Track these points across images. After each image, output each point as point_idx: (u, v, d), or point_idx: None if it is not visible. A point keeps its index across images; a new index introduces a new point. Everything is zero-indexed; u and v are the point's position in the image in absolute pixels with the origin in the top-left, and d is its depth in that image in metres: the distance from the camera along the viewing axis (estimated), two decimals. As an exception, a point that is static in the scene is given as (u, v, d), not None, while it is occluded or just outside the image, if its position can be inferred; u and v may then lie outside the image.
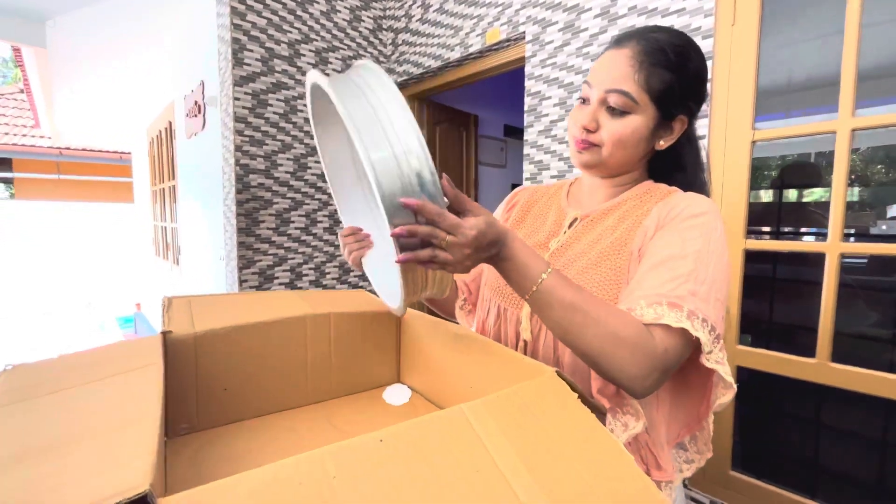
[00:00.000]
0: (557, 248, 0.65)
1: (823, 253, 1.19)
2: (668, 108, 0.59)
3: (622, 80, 0.58)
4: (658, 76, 0.57)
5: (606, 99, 0.59)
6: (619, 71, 0.58)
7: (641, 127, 0.59)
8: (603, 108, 0.60)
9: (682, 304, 0.48)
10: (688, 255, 0.51)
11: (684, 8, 1.38)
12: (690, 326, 0.47)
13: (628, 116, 0.58)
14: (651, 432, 0.57)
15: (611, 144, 0.60)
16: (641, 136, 0.60)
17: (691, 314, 0.48)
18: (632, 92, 0.57)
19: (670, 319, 0.47)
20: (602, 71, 0.60)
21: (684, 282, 0.49)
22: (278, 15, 2.14)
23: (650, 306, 0.49)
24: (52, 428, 0.33)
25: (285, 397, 0.68)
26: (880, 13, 1.17)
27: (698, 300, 0.49)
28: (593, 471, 0.35)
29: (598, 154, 0.61)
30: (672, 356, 0.48)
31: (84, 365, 0.45)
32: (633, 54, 0.58)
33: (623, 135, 0.59)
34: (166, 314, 0.61)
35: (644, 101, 0.58)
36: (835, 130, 1.15)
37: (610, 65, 0.59)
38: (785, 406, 1.47)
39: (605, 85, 0.59)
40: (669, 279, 0.50)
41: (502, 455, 0.35)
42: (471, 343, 0.62)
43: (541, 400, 0.42)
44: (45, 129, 4.82)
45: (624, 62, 0.58)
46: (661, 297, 0.49)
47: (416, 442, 0.34)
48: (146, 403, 0.36)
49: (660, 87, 0.57)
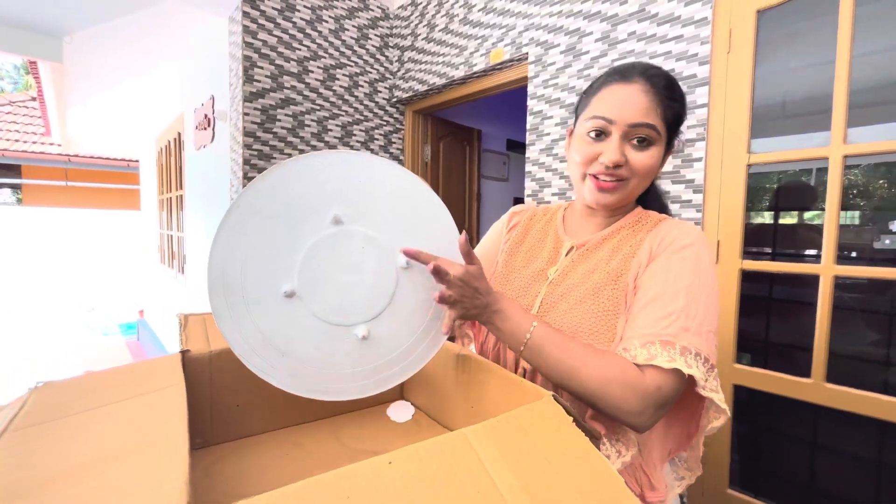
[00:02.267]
0: (556, 278, 0.68)
1: (818, 275, 1.22)
2: (673, 136, 0.64)
3: (647, 113, 0.60)
4: (672, 109, 0.61)
5: (632, 132, 0.60)
6: (642, 105, 0.60)
7: (659, 156, 0.62)
8: (627, 143, 0.61)
9: (674, 341, 0.51)
10: (679, 290, 0.55)
11: (682, 35, 1.43)
12: (684, 363, 0.50)
13: (652, 148, 0.61)
14: (644, 453, 0.59)
15: (640, 177, 0.62)
16: (659, 165, 0.64)
17: (684, 350, 0.51)
18: (656, 125, 0.60)
19: (662, 360, 0.50)
20: (623, 106, 0.60)
21: (676, 319, 0.53)
22: (288, 33, 2.21)
23: (644, 346, 0.52)
24: (86, 448, 0.36)
25: (294, 413, 0.71)
26: (873, 44, 1.21)
27: (691, 335, 0.52)
28: (585, 492, 0.38)
29: (625, 189, 0.63)
30: (666, 392, 0.51)
31: (110, 384, 0.49)
32: (649, 89, 0.60)
33: (651, 165, 0.61)
34: (183, 332, 0.64)
35: (663, 133, 0.61)
36: (827, 157, 1.19)
37: (630, 100, 0.60)
38: (782, 425, 1.48)
39: (630, 119, 0.60)
40: (662, 317, 0.53)
41: (502, 477, 0.38)
42: (472, 364, 0.65)
43: (538, 424, 0.45)
44: (56, 137, 4.91)
45: (643, 97, 0.60)
46: (654, 337, 0.52)
47: (422, 464, 0.37)
48: (172, 424, 0.39)
49: (672, 119, 0.62)
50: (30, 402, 0.45)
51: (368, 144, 2.62)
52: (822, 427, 1.38)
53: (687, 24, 1.42)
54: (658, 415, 0.52)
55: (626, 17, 1.58)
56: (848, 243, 1.41)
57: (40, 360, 4.28)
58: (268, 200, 0.50)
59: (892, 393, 1.13)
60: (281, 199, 0.51)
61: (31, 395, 0.46)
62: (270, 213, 0.51)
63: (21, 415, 0.42)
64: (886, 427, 1.18)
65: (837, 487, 1.37)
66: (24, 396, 0.47)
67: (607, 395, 0.51)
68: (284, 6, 2.18)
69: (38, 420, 0.41)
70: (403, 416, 0.75)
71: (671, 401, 0.53)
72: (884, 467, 1.28)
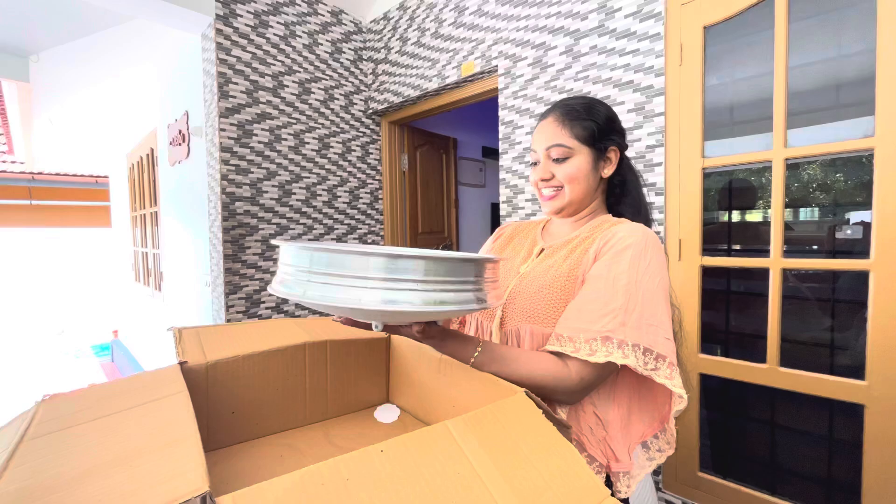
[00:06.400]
0: (525, 273, 0.78)
1: (768, 268, 1.33)
2: (596, 145, 0.76)
3: (556, 136, 0.75)
4: (580, 125, 0.75)
5: (549, 153, 0.76)
6: (551, 131, 0.76)
7: (584, 164, 0.75)
8: (550, 161, 0.77)
9: (612, 336, 0.61)
10: (618, 289, 0.64)
11: (638, 49, 1.53)
12: (620, 356, 0.60)
13: (570, 160, 0.75)
14: (609, 429, 0.67)
15: (567, 183, 0.76)
16: (587, 171, 0.76)
17: (621, 343, 0.61)
18: (565, 142, 0.75)
19: (600, 356, 0.61)
20: (540, 137, 0.78)
21: (615, 317, 0.62)
22: (262, 49, 2.24)
23: (587, 342, 0.62)
24: (107, 449, 0.40)
25: (286, 418, 0.75)
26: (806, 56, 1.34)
27: (629, 329, 0.61)
28: (553, 473, 0.44)
29: (563, 196, 0.77)
30: (588, 380, 0.64)
31: (116, 394, 0.52)
32: (556, 119, 0.76)
33: (571, 173, 0.75)
34: (179, 345, 0.68)
35: (576, 146, 0.75)
36: (770, 160, 1.30)
37: (545, 131, 0.77)
38: (746, 409, 1.59)
39: (544, 144, 0.76)
40: (602, 315, 0.63)
41: (480, 462, 0.44)
42: (452, 366, 0.71)
43: (511, 416, 0.51)
44: (20, 154, 4.76)
45: (553, 126, 0.76)
46: (597, 334, 0.62)
47: (411, 452, 0.43)
48: (184, 425, 0.44)
49: (583, 133, 0.75)
50: (39, 413, 0.48)
51: (346, 156, 2.66)
52: (781, 409, 1.49)
53: (643, 39, 1.52)
54: (584, 394, 0.67)
55: (588, 31, 1.67)
56: (808, 237, 1.54)
57: (6, 389, 4.11)
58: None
59: (838, 374, 1.24)
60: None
61: (38, 408, 0.49)
62: None
63: (35, 424, 0.46)
64: (835, 405, 1.29)
65: (795, 463, 1.48)
66: (32, 409, 0.50)
67: (542, 390, 0.63)
68: (258, 23, 2.21)
69: (53, 428, 0.44)
70: (390, 418, 0.80)
71: (594, 384, 0.66)
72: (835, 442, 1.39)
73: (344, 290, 0.48)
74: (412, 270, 0.49)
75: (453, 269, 0.52)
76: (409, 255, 0.49)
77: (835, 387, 1.23)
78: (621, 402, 0.70)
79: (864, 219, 1.32)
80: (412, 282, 0.49)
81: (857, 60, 1.29)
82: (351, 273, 0.48)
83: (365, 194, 2.78)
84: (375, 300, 0.47)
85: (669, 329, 0.64)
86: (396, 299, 0.48)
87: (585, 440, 0.68)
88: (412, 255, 0.49)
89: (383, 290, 0.48)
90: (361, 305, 0.47)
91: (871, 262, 1.17)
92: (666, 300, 0.66)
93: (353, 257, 0.48)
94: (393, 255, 0.48)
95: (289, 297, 0.51)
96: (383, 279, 0.48)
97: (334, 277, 0.48)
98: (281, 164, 2.34)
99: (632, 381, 0.71)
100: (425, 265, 0.49)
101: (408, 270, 0.48)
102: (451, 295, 0.51)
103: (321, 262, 0.49)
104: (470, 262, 0.54)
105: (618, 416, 0.69)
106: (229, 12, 2.11)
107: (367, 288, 0.48)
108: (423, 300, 0.49)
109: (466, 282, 0.53)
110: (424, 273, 0.49)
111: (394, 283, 0.48)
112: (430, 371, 0.75)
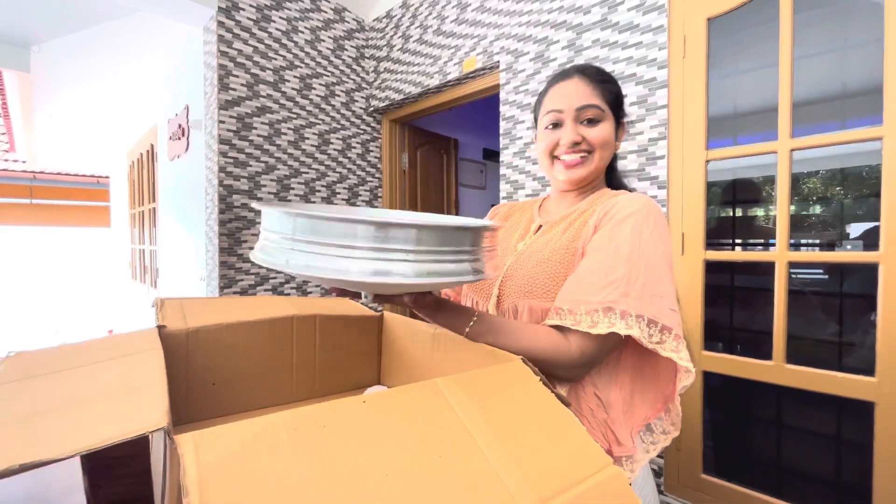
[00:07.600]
0: (522, 250, 0.74)
1: (774, 262, 1.30)
2: (618, 113, 0.73)
3: (589, 97, 0.70)
4: (609, 90, 0.72)
5: (581, 115, 0.70)
6: (583, 92, 0.71)
7: (612, 130, 0.72)
8: (578, 124, 0.71)
9: (615, 307, 0.57)
10: (619, 259, 0.60)
11: (641, 42, 1.52)
12: (624, 326, 0.56)
13: (601, 123, 0.71)
14: (610, 411, 0.63)
15: (600, 149, 0.71)
16: (613, 138, 0.73)
17: (624, 314, 0.57)
18: (599, 104, 0.70)
19: (603, 327, 0.56)
20: (565, 97, 0.71)
21: (616, 287, 0.58)
22: (264, 43, 2.23)
23: (588, 314, 0.58)
24: (71, 391, 0.37)
25: (271, 395, 0.71)
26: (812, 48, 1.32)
27: (631, 299, 0.58)
28: (550, 436, 0.40)
29: (590, 162, 0.72)
30: (589, 354, 0.59)
31: (86, 351, 0.49)
32: (585, 79, 0.71)
33: (604, 136, 0.71)
34: (160, 312, 0.64)
35: (607, 110, 0.71)
36: (775, 150, 1.28)
37: (572, 90, 0.71)
38: (751, 409, 1.54)
39: (576, 104, 0.70)
40: (604, 285, 0.59)
41: (470, 419, 0.40)
42: (447, 340, 0.67)
43: (506, 380, 0.48)
44: (21, 153, 4.75)
45: (582, 86, 0.71)
46: (598, 305, 0.58)
47: (395, 404, 0.39)
48: (152, 375, 0.40)
49: (610, 97, 0.72)
50: (4, 365, 0.45)
51: (346, 152, 2.64)
52: (785, 408, 1.45)
53: (645, 32, 1.51)
54: (585, 370, 0.62)
55: (590, 25, 1.66)
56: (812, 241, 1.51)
57: None
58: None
59: (846, 370, 1.20)
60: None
61: (3, 362, 0.46)
62: None
63: (-3, 376, 0.42)
64: (844, 403, 1.25)
65: (801, 464, 1.43)
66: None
67: (541, 363, 0.57)
68: (260, 17, 2.21)
69: (16, 377, 0.41)
70: (381, 398, 0.77)
71: (596, 360, 0.61)
72: (843, 443, 1.34)
73: (330, 260, 0.44)
74: (403, 240, 0.45)
75: (448, 237, 0.48)
76: (400, 222, 0.45)
77: (843, 384, 1.19)
78: (623, 383, 0.66)
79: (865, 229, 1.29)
80: (404, 251, 0.45)
81: (865, 51, 1.27)
82: (337, 242, 0.44)
83: (364, 192, 2.76)
84: (364, 271, 0.44)
85: (674, 300, 0.61)
86: (387, 270, 0.44)
87: (585, 422, 0.64)
88: (403, 224, 0.45)
89: (373, 260, 0.44)
90: (349, 276, 0.44)
91: (881, 254, 1.13)
92: (670, 270, 0.62)
93: (340, 225, 0.44)
94: (383, 224, 0.44)
95: (270, 266, 0.47)
96: (373, 248, 0.44)
97: (320, 246, 0.44)
98: (280, 158, 2.32)
99: (634, 361, 0.67)
100: (417, 234, 0.45)
101: (399, 240, 0.44)
102: (446, 266, 0.48)
103: (304, 228, 0.45)
104: (466, 230, 0.50)
105: (619, 397, 0.65)
106: (232, 5, 2.11)
107: (354, 258, 0.44)
108: (416, 271, 0.45)
109: (462, 251, 0.50)
110: (417, 242, 0.45)
111: (384, 252, 0.44)
112: (425, 348, 0.71)
